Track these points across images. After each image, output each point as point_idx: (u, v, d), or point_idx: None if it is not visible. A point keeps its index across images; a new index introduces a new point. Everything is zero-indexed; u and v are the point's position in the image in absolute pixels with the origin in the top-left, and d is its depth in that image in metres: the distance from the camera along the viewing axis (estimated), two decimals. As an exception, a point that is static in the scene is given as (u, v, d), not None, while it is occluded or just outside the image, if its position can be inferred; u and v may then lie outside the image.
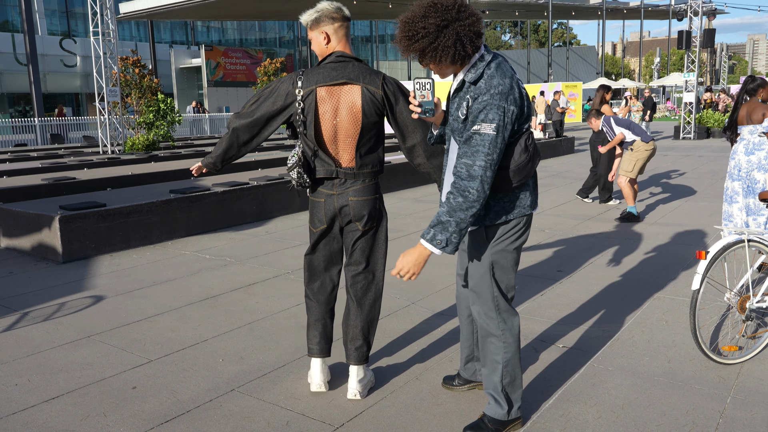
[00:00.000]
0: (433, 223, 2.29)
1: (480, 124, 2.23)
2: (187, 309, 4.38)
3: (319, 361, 3.04)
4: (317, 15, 2.86)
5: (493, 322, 2.51)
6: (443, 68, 2.33)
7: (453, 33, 2.20)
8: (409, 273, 2.33)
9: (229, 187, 7.37)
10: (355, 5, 30.57)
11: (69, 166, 10.74)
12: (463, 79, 2.33)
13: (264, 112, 2.85)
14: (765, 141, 5.18)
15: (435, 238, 2.27)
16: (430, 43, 2.21)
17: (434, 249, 2.28)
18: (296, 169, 2.82)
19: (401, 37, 2.26)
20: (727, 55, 38.28)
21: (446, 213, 2.25)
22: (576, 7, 46.69)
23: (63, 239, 5.75)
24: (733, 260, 3.59)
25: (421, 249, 2.31)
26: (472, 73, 2.30)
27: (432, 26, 2.19)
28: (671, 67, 66.88)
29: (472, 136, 2.25)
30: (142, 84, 14.88)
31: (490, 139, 2.23)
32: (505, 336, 2.52)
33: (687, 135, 20.43)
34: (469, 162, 2.24)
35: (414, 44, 2.23)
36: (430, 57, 2.25)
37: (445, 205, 2.27)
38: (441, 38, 2.20)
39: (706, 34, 20.11)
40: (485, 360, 2.59)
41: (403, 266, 2.33)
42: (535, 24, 76.31)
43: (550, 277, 4.97)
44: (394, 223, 7.36)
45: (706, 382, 3.05)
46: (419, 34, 2.21)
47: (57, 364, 3.46)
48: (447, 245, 2.26)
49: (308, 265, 3.06)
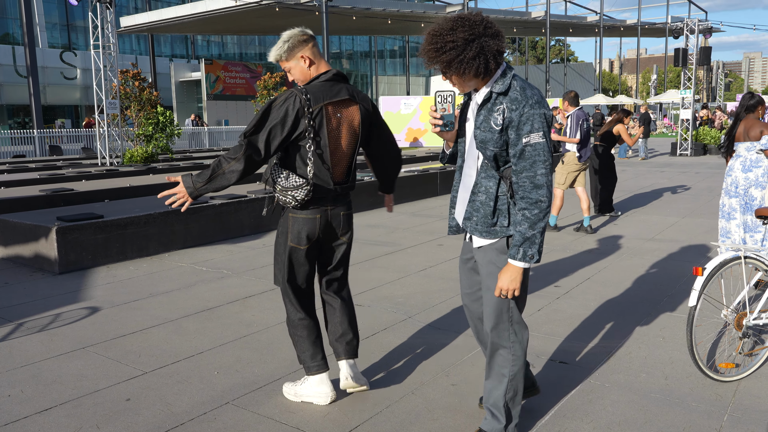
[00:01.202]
0: (518, 242, 2.35)
1: (528, 135, 2.30)
2: (183, 321, 4.36)
3: (326, 373, 3.06)
4: (289, 44, 2.86)
5: (505, 334, 2.52)
6: (465, 81, 2.38)
7: (478, 47, 2.27)
8: (512, 291, 2.40)
9: (227, 200, 7.37)
10: (355, 21, 30.81)
11: (67, 178, 10.75)
12: (491, 90, 2.38)
13: (278, 144, 2.78)
14: (762, 158, 5.20)
15: (526, 255, 2.34)
16: (457, 55, 2.27)
17: (526, 265, 2.37)
18: (306, 188, 2.79)
19: (428, 48, 2.32)
20: (724, 72, 38.59)
21: (529, 228, 2.33)
22: (573, 24, 47.13)
23: (60, 250, 5.73)
24: (729, 277, 3.59)
25: (513, 269, 2.38)
26: (500, 85, 2.36)
27: (460, 39, 2.25)
28: (668, 84, 67.33)
29: (524, 149, 2.31)
30: (142, 97, 14.94)
31: (542, 146, 2.31)
32: (514, 348, 2.53)
33: (684, 152, 20.52)
34: (531, 174, 2.31)
35: (441, 56, 2.29)
36: (455, 69, 2.30)
37: (523, 222, 2.33)
38: (467, 51, 2.26)
39: (702, 51, 20.27)
40: (490, 373, 2.60)
41: (504, 288, 2.40)
42: (533, 41, 76.87)
43: (547, 293, 4.97)
44: (390, 237, 7.36)
45: (703, 400, 3.04)
46: (447, 47, 2.27)
47: (51, 376, 3.44)
48: (538, 256, 2.36)
49: (293, 290, 3.00)
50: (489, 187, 2.44)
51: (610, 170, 8.70)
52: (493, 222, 2.45)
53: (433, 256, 6.31)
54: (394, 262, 6.08)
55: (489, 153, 2.39)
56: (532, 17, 40.71)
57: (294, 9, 27.40)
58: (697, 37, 20.38)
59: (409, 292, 5.04)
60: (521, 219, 2.34)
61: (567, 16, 47.67)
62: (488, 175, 2.45)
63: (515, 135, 2.32)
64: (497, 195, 2.43)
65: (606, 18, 50.03)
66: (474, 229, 2.51)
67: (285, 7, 26.98)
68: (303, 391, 3.07)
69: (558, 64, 60.73)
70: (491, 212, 2.44)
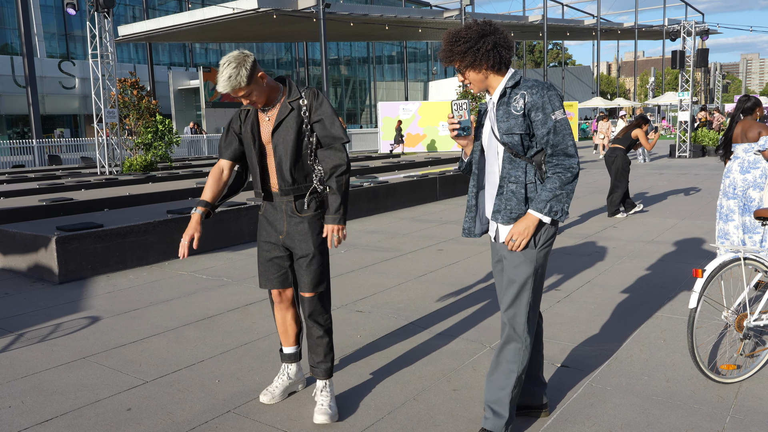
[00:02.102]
0: (547, 198, 2.50)
1: (554, 113, 2.51)
2: (184, 329, 4.36)
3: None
4: (247, 68, 2.70)
5: (521, 327, 2.60)
6: (480, 75, 2.58)
7: (492, 41, 2.52)
8: (520, 241, 2.54)
9: (227, 207, 7.38)
10: (352, 27, 30.87)
11: (66, 187, 10.75)
12: (505, 87, 2.58)
13: None
14: (760, 159, 5.20)
15: (552, 209, 2.50)
16: (471, 46, 2.51)
17: (547, 218, 2.52)
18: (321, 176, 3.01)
19: (445, 44, 2.57)
20: (721, 74, 38.64)
21: (558, 187, 2.50)
22: (571, 28, 47.25)
23: (59, 260, 5.73)
24: (729, 278, 3.59)
25: (532, 219, 2.53)
26: (513, 80, 2.58)
27: (474, 33, 2.52)
28: (666, 87, 67.47)
29: (555, 126, 2.51)
30: (141, 105, 14.96)
31: (566, 122, 2.53)
32: (526, 342, 2.62)
33: (682, 153, 20.54)
34: (564, 146, 2.52)
35: (457, 47, 2.53)
36: (470, 59, 2.53)
37: (555, 180, 2.51)
38: (481, 43, 2.51)
39: (699, 53, 20.32)
40: (498, 367, 2.64)
41: (516, 233, 2.54)
42: (530, 44, 77.07)
43: (547, 297, 4.97)
44: (390, 242, 7.36)
45: (705, 402, 3.04)
46: (462, 39, 2.52)
47: (51, 386, 3.44)
48: (562, 214, 2.53)
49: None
50: (518, 176, 2.57)
51: (625, 172, 8.83)
52: (526, 208, 2.57)
53: (434, 262, 6.31)
54: (394, 267, 6.08)
55: (516, 139, 2.54)
56: (529, 21, 40.82)
57: (291, 16, 27.46)
58: (694, 39, 20.43)
59: (410, 297, 5.04)
60: (554, 179, 2.52)
61: (564, 20, 47.80)
62: (514, 165, 2.57)
63: (542, 115, 2.51)
64: (526, 183, 2.56)
65: (603, 21, 50.18)
66: (507, 218, 2.59)
67: (282, 14, 27.04)
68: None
69: (556, 68, 60.85)
70: (523, 199, 2.57)
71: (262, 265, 3.07)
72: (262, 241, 3.05)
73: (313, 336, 3.02)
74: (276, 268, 3.04)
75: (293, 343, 3.22)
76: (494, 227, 2.70)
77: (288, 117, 2.87)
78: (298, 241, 2.95)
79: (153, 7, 42.42)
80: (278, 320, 3.19)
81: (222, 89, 2.71)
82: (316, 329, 3.01)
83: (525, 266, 2.58)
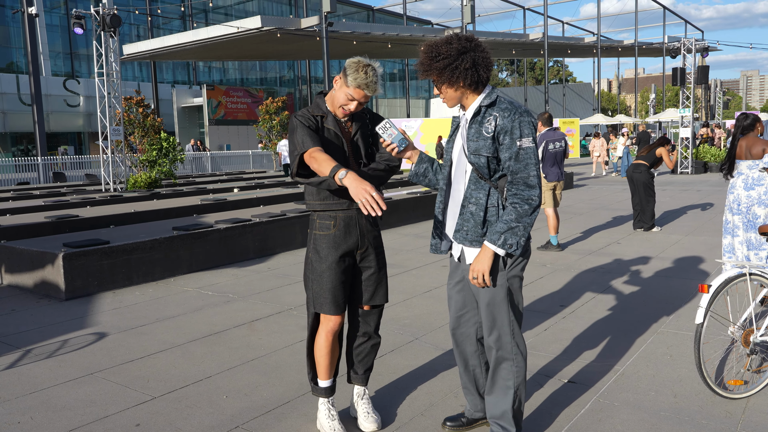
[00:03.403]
0: (502, 230, 2.47)
1: (521, 140, 2.48)
2: (191, 345, 4.37)
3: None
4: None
5: (508, 346, 2.61)
6: (455, 92, 2.54)
7: (470, 59, 2.47)
8: (481, 274, 2.52)
9: (232, 224, 7.41)
10: (355, 45, 31.12)
11: (72, 204, 10.80)
12: (480, 105, 2.55)
13: None
14: (765, 176, 5.23)
15: (506, 242, 2.47)
16: (450, 63, 2.47)
17: (501, 251, 2.49)
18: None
19: (424, 58, 2.52)
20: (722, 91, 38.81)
21: (514, 220, 2.47)
22: (571, 45, 47.56)
23: (66, 276, 5.76)
24: (735, 294, 3.60)
25: (487, 252, 2.51)
26: (489, 98, 2.55)
27: (453, 50, 2.46)
28: (667, 103, 67.72)
29: (518, 152, 2.48)
30: (146, 123, 15.06)
31: (532, 150, 2.49)
32: (517, 359, 2.62)
33: (684, 170, 20.59)
34: (525, 175, 2.48)
35: (435, 63, 2.49)
36: (447, 77, 2.48)
37: (512, 213, 2.47)
38: (459, 61, 2.46)
39: (699, 70, 20.44)
40: (494, 387, 2.66)
41: (476, 269, 2.53)
42: (531, 62, 77.53)
43: (552, 312, 4.97)
44: (395, 258, 7.38)
45: (713, 417, 3.04)
46: (441, 55, 2.47)
47: (60, 402, 3.45)
48: (517, 248, 2.48)
49: None
50: (479, 198, 2.55)
51: (649, 188, 9.05)
52: (483, 232, 2.55)
53: (438, 278, 6.32)
54: (399, 283, 6.09)
55: (482, 160, 2.52)
56: (530, 39, 41.11)
57: (295, 35, 27.72)
58: (695, 56, 20.56)
59: (416, 313, 5.05)
60: (510, 210, 2.48)
61: (565, 38, 48.15)
62: (478, 186, 2.56)
63: (509, 139, 2.48)
64: (487, 206, 2.54)
65: (603, 39, 50.51)
66: (464, 239, 2.59)
67: (286, 33, 27.30)
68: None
69: (557, 85, 61.15)
70: (481, 222, 2.54)
71: (333, 290, 2.84)
72: (334, 262, 2.84)
73: (369, 345, 3.05)
74: (345, 290, 2.91)
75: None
76: (458, 247, 2.70)
77: (362, 125, 2.94)
78: (377, 254, 2.97)
79: (157, 26, 42.83)
80: (330, 350, 2.93)
81: (368, 90, 2.75)
82: (375, 338, 3.06)
83: (498, 290, 2.59)
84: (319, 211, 2.88)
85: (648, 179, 9.07)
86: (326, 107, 2.87)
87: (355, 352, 3.05)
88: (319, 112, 2.85)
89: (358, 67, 2.72)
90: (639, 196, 9.09)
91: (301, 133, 2.73)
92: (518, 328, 2.64)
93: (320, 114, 2.85)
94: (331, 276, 2.84)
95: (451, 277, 2.82)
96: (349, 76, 2.72)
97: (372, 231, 2.94)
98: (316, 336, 2.96)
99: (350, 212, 2.85)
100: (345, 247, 2.86)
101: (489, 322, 2.61)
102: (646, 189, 9.05)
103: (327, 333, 2.90)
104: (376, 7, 56.12)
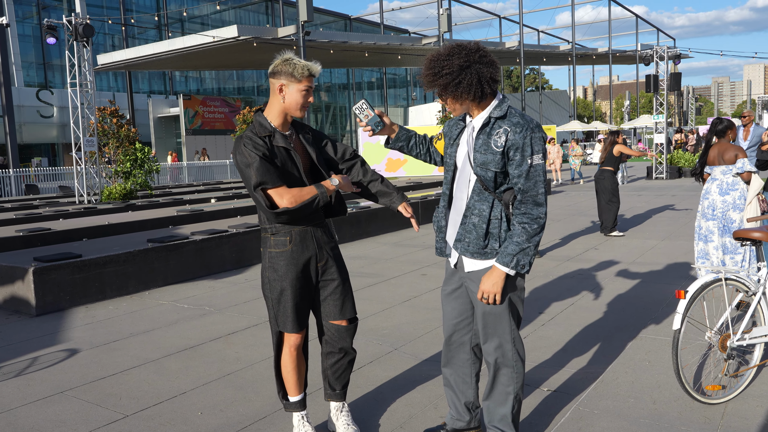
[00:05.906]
0: (514, 252, 2.45)
1: (532, 157, 2.44)
2: (165, 361, 4.27)
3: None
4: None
5: (509, 354, 2.61)
6: (460, 104, 2.51)
7: (474, 73, 2.41)
8: (493, 295, 2.50)
9: (208, 235, 7.31)
10: (332, 54, 31.14)
11: (44, 217, 10.59)
12: (490, 116, 2.50)
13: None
14: (739, 181, 5.29)
15: (519, 263, 2.46)
16: (452, 80, 2.42)
17: (513, 271, 2.48)
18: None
19: (426, 73, 2.49)
20: (694, 97, 39.50)
21: (525, 240, 2.44)
22: (547, 53, 48.13)
23: (37, 292, 5.62)
24: (711, 299, 3.61)
25: (499, 274, 2.48)
26: (499, 110, 2.49)
27: (456, 66, 2.40)
28: (641, 110, 68.74)
29: (529, 170, 2.45)
30: (120, 134, 14.86)
31: (542, 167, 2.47)
32: (517, 366, 2.63)
33: (659, 175, 20.87)
34: (534, 193, 2.46)
35: (438, 80, 2.45)
36: (450, 92, 2.46)
37: (522, 233, 2.44)
38: (462, 76, 2.41)
39: (672, 77, 20.78)
40: (493, 393, 2.66)
41: (487, 291, 2.50)
42: (507, 70, 78.29)
43: (531, 320, 4.96)
44: (374, 267, 7.33)
45: (692, 423, 3.04)
46: (443, 71, 2.42)
47: (28, 422, 3.33)
48: (528, 267, 2.49)
49: None
50: (482, 210, 2.52)
51: (613, 193, 9.11)
52: (485, 244, 2.52)
53: (418, 287, 6.28)
54: (378, 293, 6.05)
55: (490, 174, 2.48)
56: (506, 47, 41.54)
57: (272, 44, 27.64)
58: (667, 63, 20.90)
59: (395, 323, 5.00)
60: (520, 231, 2.45)
61: (540, 46, 48.74)
62: (481, 198, 2.53)
63: (520, 156, 2.44)
64: (490, 218, 2.51)
65: (578, 47, 51.21)
66: (465, 250, 2.57)
67: (263, 42, 27.22)
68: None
69: (533, 93, 61.78)
70: (483, 234, 2.51)
71: (295, 307, 2.79)
72: (294, 278, 2.78)
73: (346, 362, 2.97)
74: (307, 305, 2.87)
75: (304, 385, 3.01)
76: (456, 255, 2.67)
77: (303, 132, 2.95)
78: (338, 265, 2.92)
79: (132, 36, 42.45)
80: (296, 365, 2.91)
81: (315, 72, 2.75)
82: (352, 353, 2.98)
83: (501, 302, 2.57)
84: (271, 229, 2.78)
85: (612, 184, 9.14)
86: (270, 125, 2.77)
87: (332, 369, 2.98)
88: (265, 132, 2.74)
89: (290, 62, 2.71)
90: (599, 202, 9.19)
91: (262, 170, 2.65)
92: (518, 334, 2.65)
93: (266, 134, 2.74)
94: (292, 293, 2.78)
95: (447, 284, 2.79)
96: (295, 73, 2.69)
97: (329, 242, 2.90)
98: (281, 353, 2.91)
99: (305, 226, 2.80)
100: (303, 261, 2.79)
101: (489, 330, 2.61)
102: (606, 194, 9.08)
103: (291, 349, 2.87)
104: (353, 16, 56.25)
